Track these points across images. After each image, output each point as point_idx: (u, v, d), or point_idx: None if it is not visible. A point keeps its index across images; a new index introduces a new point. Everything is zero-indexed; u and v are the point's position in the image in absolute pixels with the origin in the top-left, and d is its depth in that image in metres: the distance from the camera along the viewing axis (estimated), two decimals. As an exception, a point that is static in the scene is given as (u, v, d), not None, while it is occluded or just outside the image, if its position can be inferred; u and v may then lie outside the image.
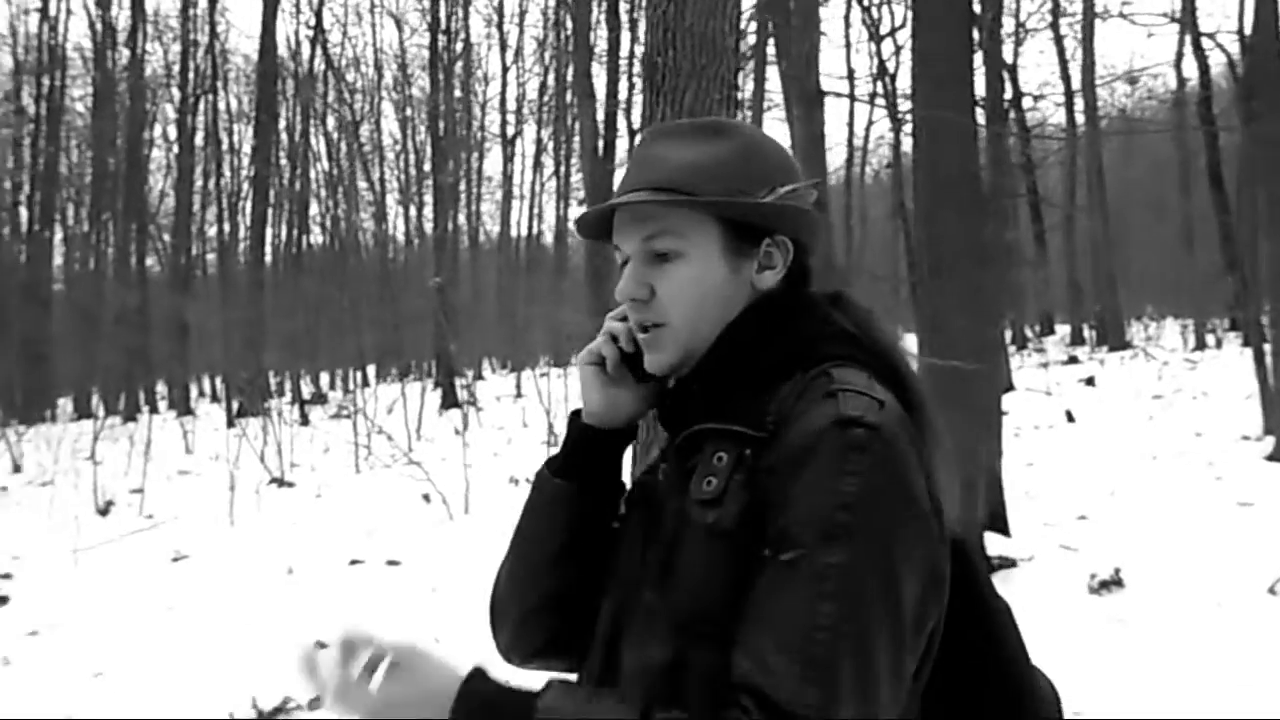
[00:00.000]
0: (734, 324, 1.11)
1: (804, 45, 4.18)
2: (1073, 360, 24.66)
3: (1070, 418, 15.07)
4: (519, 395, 24.24)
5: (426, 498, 10.57)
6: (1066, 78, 27.66)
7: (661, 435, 1.16)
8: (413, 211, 32.01)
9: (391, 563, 7.99)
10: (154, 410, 24.81)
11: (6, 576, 8.76)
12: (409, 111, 32.49)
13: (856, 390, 1.00)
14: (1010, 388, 17.58)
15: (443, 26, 27.90)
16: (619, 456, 1.19)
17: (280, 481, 13.16)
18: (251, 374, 21.88)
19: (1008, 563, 6.72)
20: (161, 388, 29.52)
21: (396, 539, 8.82)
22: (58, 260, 31.48)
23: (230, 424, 20.74)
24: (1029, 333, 30.35)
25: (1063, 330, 31.19)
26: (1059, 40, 27.48)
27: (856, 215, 30.90)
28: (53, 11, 27.93)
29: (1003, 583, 5.34)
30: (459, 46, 29.68)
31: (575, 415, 1.20)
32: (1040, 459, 11.31)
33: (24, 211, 29.25)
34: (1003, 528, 7.45)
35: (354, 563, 8.06)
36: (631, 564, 1.08)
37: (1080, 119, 27.30)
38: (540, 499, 1.17)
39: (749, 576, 0.94)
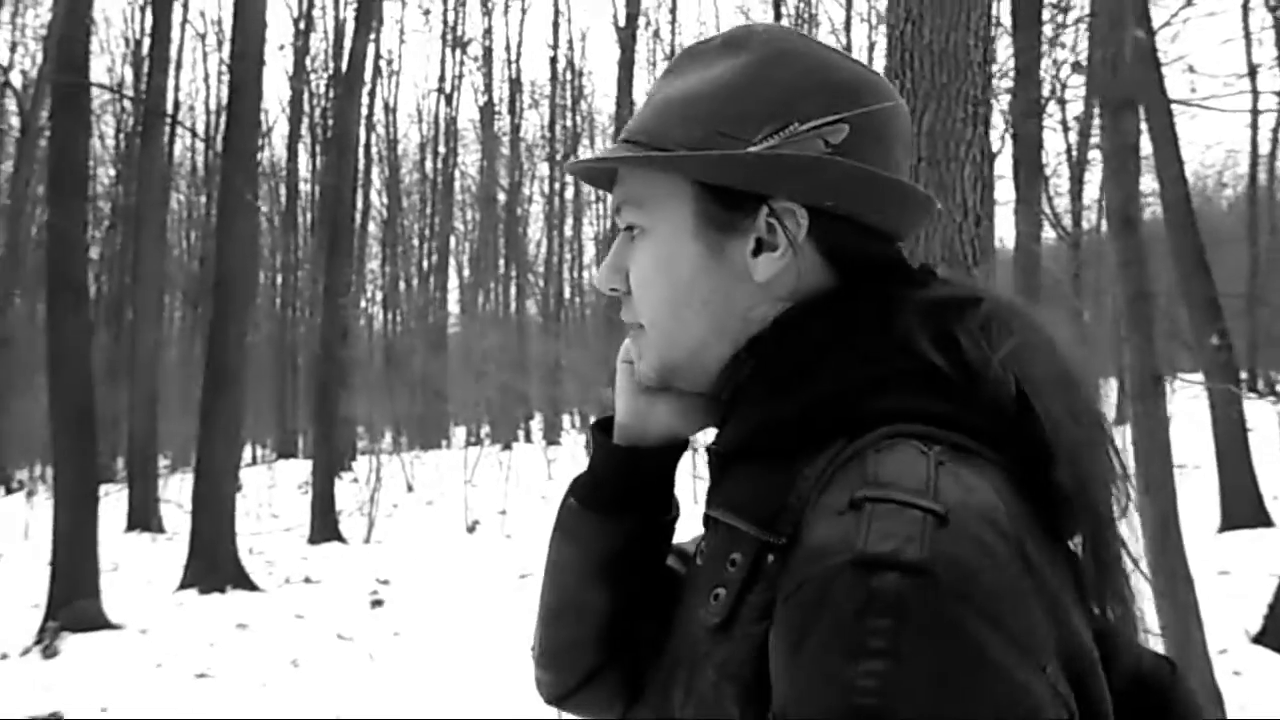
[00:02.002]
0: (752, 345, 0.77)
1: (1110, 47, 3.76)
2: None
3: None
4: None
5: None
6: None
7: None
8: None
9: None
10: (528, 440, 27.45)
11: (385, 582, 10.09)
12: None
13: (898, 499, 0.61)
14: None
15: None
16: (663, 480, 0.88)
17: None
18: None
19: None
20: (537, 420, 32.50)
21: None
22: (453, 306, 35.86)
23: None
24: None
25: None
26: None
27: (1264, 231, 26.92)
28: (448, 90, 32.09)
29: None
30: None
31: (601, 425, 0.90)
32: None
33: (425, 264, 33.80)
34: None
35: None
36: (669, 672, 0.80)
37: None
38: (562, 524, 0.91)
39: None
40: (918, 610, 0.57)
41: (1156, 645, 0.77)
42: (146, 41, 17.51)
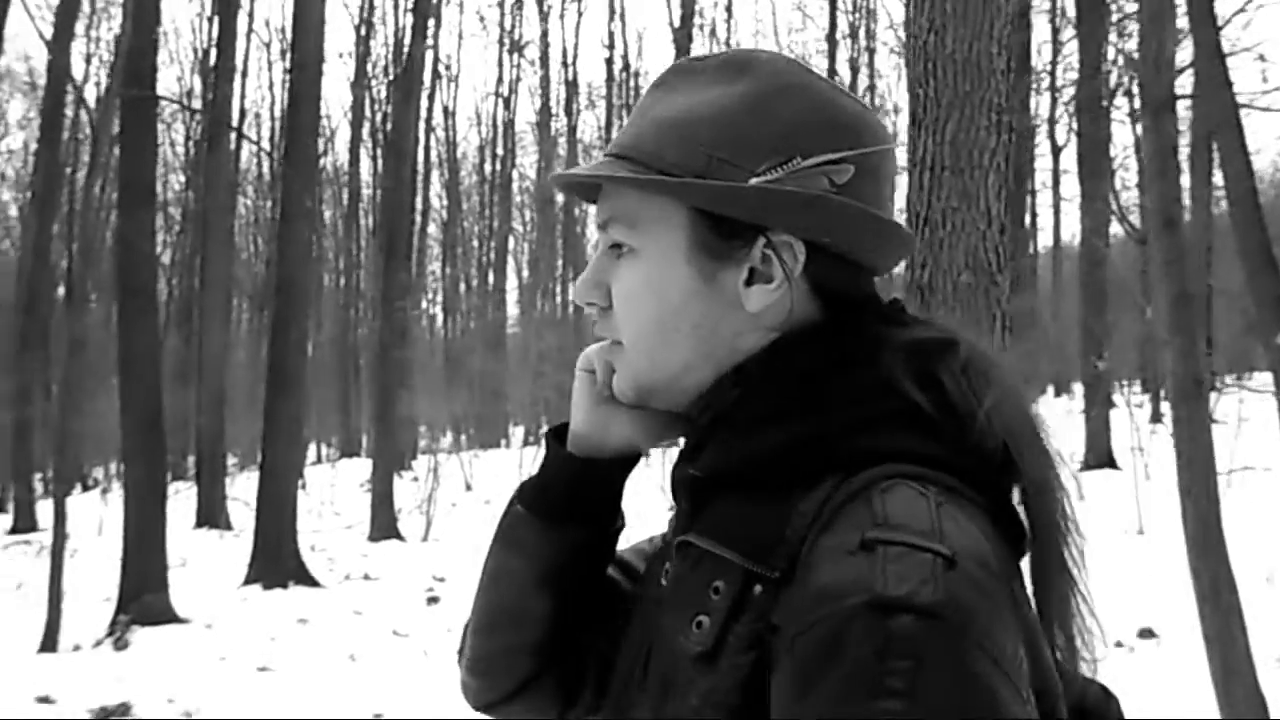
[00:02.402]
0: (738, 372, 0.76)
1: (1151, 46, 3.68)
2: None
3: None
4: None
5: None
6: None
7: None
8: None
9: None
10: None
11: (441, 580, 10.28)
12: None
13: (909, 542, 0.63)
14: None
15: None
16: (614, 492, 0.88)
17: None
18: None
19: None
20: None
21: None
22: (511, 308, 36.24)
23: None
24: None
25: None
26: None
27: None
28: (505, 93, 32.44)
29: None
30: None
31: (555, 433, 0.89)
32: None
33: (484, 265, 34.25)
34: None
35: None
36: (626, 689, 0.80)
37: None
38: (505, 532, 0.90)
39: None
40: (933, 652, 0.59)
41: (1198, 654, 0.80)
42: (213, 52, 18.00)
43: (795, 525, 0.68)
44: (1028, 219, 19.56)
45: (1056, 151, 22.09)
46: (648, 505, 0.95)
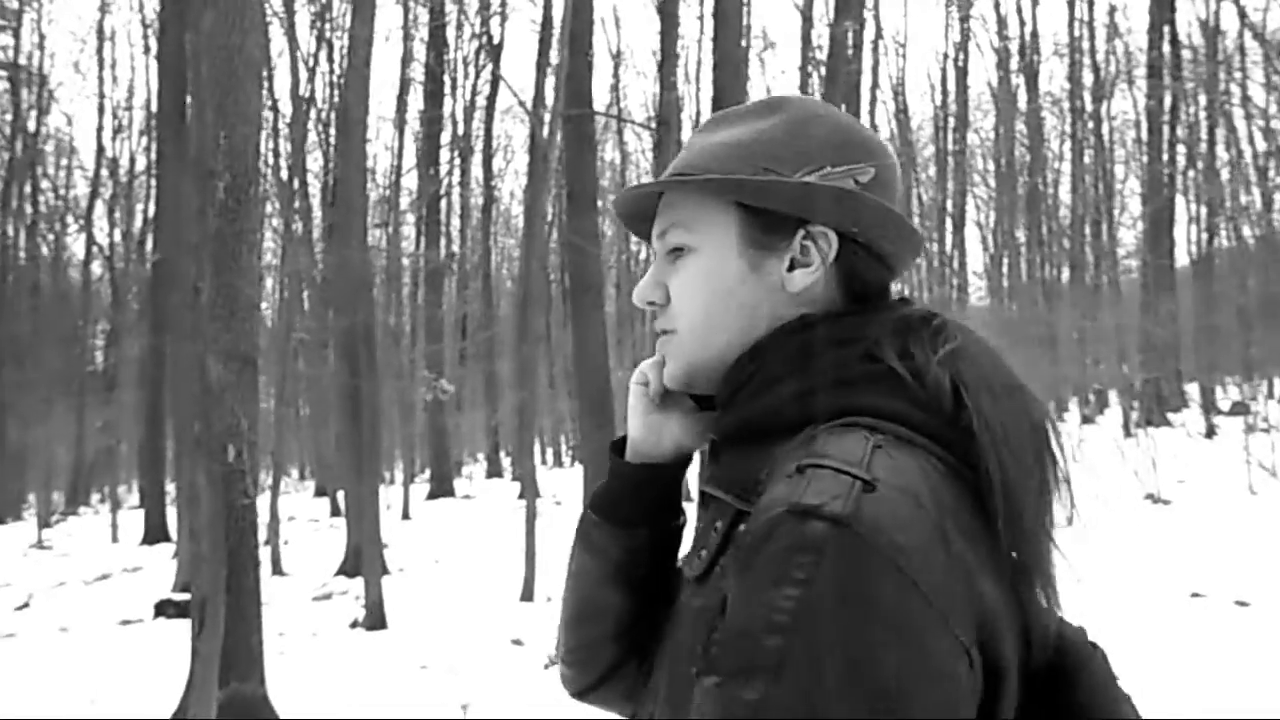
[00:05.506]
0: (754, 350, 0.89)
1: None
2: None
3: None
4: None
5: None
6: None
7: None
8: None
9: (1240, 603, 6.95)
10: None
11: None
12: None
13: (835, 466, 0.74)
14: None
15: None
16: (670, 493, 1.01)
17: (1154, 499, 12.36)
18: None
19: None
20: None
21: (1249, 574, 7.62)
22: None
23: (1128, 434, 20.15)
24: None
25: None
26: None
27: None
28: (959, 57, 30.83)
29: None
30: None
31: (618, 444, 1.03)
32: None
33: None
34: None
35: (1195, 596, 7.25)
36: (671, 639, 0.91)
37: None
38: (582, 536, 1.03)
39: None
40: (834, 552, 0.70)
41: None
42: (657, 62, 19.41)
43: (770, 466, 0.80)
44: None
45: None
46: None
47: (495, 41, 24.60)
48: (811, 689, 0.68)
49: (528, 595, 9.36)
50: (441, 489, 21.69)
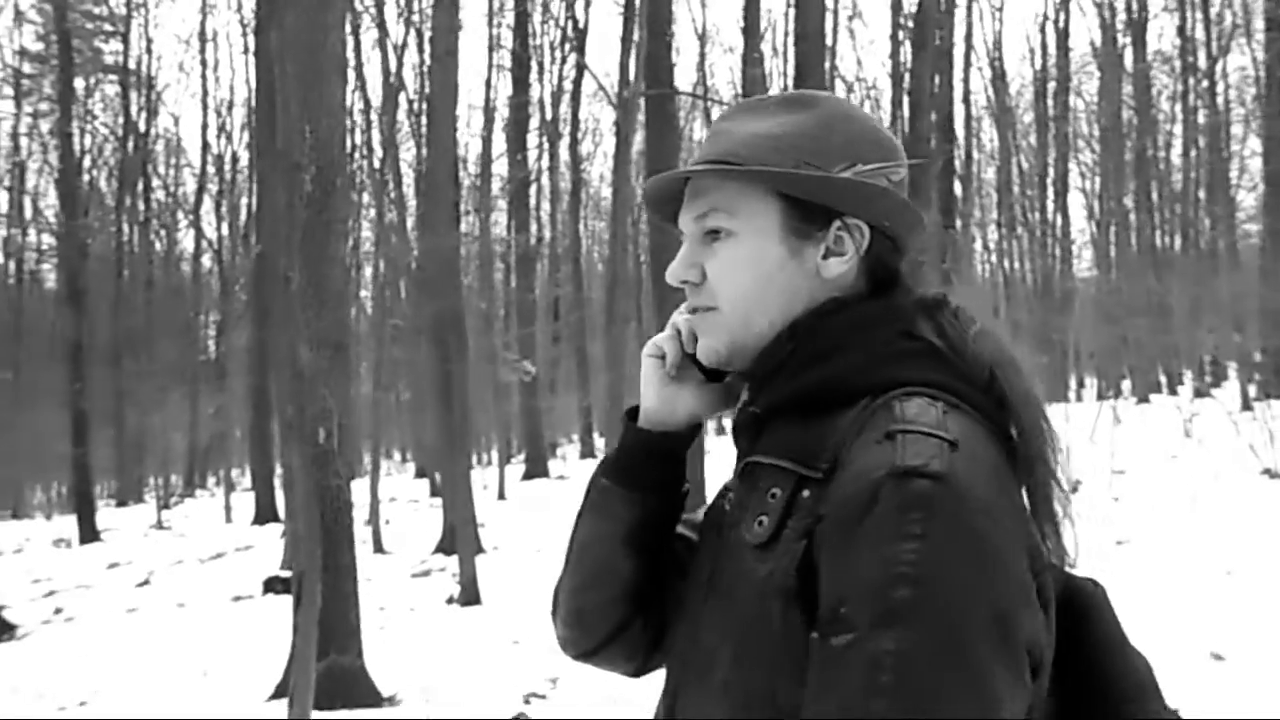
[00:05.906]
0: (793, 329, 0.97)
1: None
2: None
3: None
4: None
5: None
6: None
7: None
8: None
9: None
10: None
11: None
12: None
13: (922, 430, 0.84)
14: None
15: None
16: (679, 460, 1.07)
17: (1271, 474, 11.75)
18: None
19: None
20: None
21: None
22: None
23: (1246, 406, 19.19)
24: None
25: None
26: None
27: None
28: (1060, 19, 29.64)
29: None
30: None
31: (631, 413, 1.08)
32: None
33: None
34: None
35: None
36: (696, 609, 0.96)
37: None
38: (594, 503, 1.08)
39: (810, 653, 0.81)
40: (942, 505, 0.79)
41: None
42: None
43: (836, 435, 0.88)
44: None
45: None
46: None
47: (580, 25, 24.68)
48: (947, 629, 0.75)
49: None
50: (536, 469, 22.00)
